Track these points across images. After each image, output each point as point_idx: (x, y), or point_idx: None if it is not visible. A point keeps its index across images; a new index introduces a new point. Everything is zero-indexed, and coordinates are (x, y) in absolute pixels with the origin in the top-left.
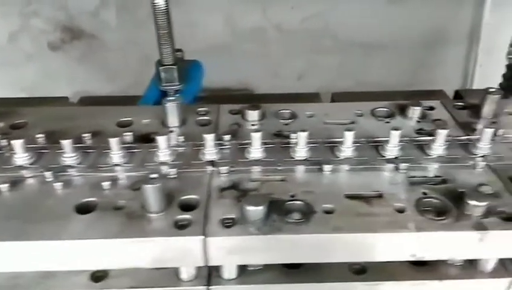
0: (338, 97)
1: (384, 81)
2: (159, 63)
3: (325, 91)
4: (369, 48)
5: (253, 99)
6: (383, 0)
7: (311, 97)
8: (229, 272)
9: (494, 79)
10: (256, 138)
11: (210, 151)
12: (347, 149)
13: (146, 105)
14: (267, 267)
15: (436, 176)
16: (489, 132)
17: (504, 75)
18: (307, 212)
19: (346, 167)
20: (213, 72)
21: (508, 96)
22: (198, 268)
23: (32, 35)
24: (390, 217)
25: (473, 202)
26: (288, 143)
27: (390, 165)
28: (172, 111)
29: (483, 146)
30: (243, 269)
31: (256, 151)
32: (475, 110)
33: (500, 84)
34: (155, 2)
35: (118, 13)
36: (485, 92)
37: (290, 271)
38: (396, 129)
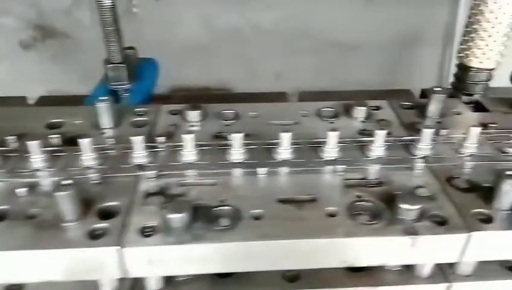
0: (306, 96)
1: (362, 81)
2: (107, 61)
3: (303, 91)
4: (346, 47)
5: (217, 99)
6: (361, 1)
7: (278, 96)
8: (154, 283)
9: None
10: (188, 139)
11: (139, 155)
12: (284, 151)
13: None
14: (197, 276)
15: (373, 178)
16: (428, 132)
17: (455, 75)
18: (234, 219)
19: (282, 169)
20: (191, 71)
21: (459, 95)
22: (122, 280)
23: (2, 34)
24: (320, 222)
25: (405, 206)
26: (226, 145)
27: (328, 167)
28: (104, 112)
29: (423, 147)
30: (170, 280)
31: (189, 154)
32: (422, 110)
33: (452, 84)
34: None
35: (91, 12)
36: (431, 91)
37: (221, 280)
38: (333, 130)
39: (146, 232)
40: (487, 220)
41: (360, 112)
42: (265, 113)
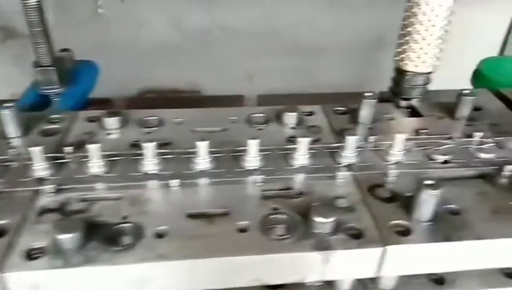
0: (265, 100)
1: (333, 83)
2: (36, 64)
3: (274, 93)
4: (316, 49)
5: (157, 102)
6: (330, 3)
7: (234, 100)
8: None
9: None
10: (94, 150)
11: (39, 167)
12: (202, 161)
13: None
14: None
15: (293, 189)
16: (352, 139)
17: (393, 79)
18: (136, 237)
19: (199, 181)
20: (160, 73)
21: (396, 100)
22: None
23: None
24: (229, 238)
25: (318, 219)
26: (141, 155)
27: (248, 178)
28: (8, 120)
29: (348, 154)
30: None
31: (95, 165)
32: (355, 116)
33: (390, 88)
34: None
35: (54, 13)
36: (361, 96)
37: None
38: (253, 138)
39: (33, 255)
40: (405, 232)
41: (290, 118)
42: (192, 119)
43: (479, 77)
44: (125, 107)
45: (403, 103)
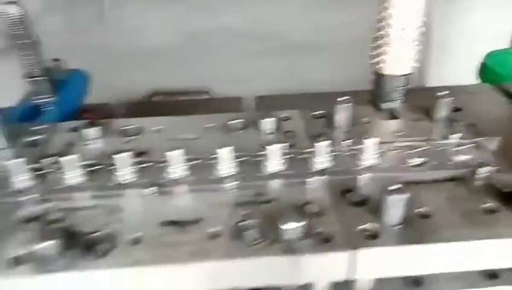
0: (263, 101)
1: (330, 82)
2: (27, 75)
3: (260, 95)
4: (312, 49)
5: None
6: (323, 2)
7: (234, 102)
8: None
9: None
10: (68, 162)
11: (18, 179)
12: (177, 169)
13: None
14: None
15: (265, 195)
16: (323, 144)
17: (373, 81)
18: (109, 246)
19: (173, 189)
20: (162, 75)
21: (376, 103)
22: None
23: None
24: (200, 245)
25: (285, 225)
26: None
27: (221, 185)
28: None
29: (319, 160)
30: None
31: (72, 176)
32: (331, 120)
33: (371, 91)
34: (6, 12)
35: (61, 19)
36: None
37: None
38: (225, 146)
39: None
40: (374, 235)
41: (267, 124)
42: (170, 127)
43: (485, 71)
44: (124, 111)
45: (383, 106)
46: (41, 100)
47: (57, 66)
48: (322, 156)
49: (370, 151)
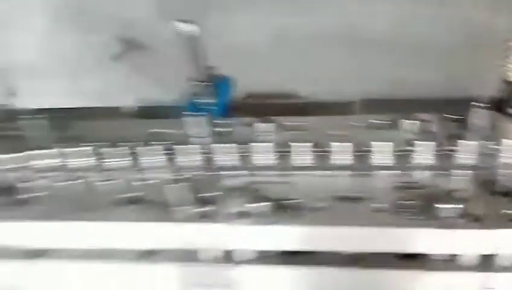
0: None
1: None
2: (192, 79)
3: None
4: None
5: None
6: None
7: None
8: None
9: None
10: (262, 147)
11: (220, 158)
12: (341, 157)
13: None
14: None
15: (417, 182)
16: (464, 143)
17: (501, 89)
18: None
19: (339, 172)
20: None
21: (502, 108)
22: None
23: (92, 49)
24: (367, 216)
25: (441, 205)
26: None
27: (380, 172)
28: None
29: (463, 156)
30: None
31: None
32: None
33: (499, 98)
34: (184, 29)
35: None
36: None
37: None
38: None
39: None
40: None
41: (409, 125)
42: (322, 125)
43: None
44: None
45: (510, 111)
46: (203, 101)
47: (212, 72)
48: (465, 153)
49: (507, 150)
